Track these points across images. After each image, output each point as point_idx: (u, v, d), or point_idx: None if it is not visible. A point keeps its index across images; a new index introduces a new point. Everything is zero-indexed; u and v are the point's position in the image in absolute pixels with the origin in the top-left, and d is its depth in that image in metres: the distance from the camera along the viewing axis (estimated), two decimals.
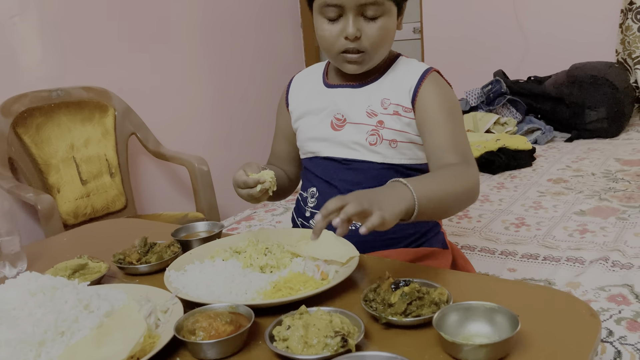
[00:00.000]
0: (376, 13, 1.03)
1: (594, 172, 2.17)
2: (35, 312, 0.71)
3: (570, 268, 1.34)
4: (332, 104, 1.15)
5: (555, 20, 3.24)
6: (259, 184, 1.04)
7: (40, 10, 2.33)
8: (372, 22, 1.04)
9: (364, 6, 1.02)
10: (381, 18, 1.04)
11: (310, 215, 1.17)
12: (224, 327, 0.74)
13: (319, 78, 1.21)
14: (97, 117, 2.45)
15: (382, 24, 1.04)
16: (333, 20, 1.05)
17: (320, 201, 1.16)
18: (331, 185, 1.15)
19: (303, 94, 1.23)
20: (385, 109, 1.10)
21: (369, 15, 1.03)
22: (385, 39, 1.07)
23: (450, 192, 0.94)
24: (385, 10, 1.04)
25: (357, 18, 1.03)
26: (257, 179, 1.04)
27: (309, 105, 1.19)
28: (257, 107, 3.49)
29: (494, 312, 0.74)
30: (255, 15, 3.46)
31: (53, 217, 1.98)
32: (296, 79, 1.28)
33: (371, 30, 1.04)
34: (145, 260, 1.03)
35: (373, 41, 1.05)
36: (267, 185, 1.04)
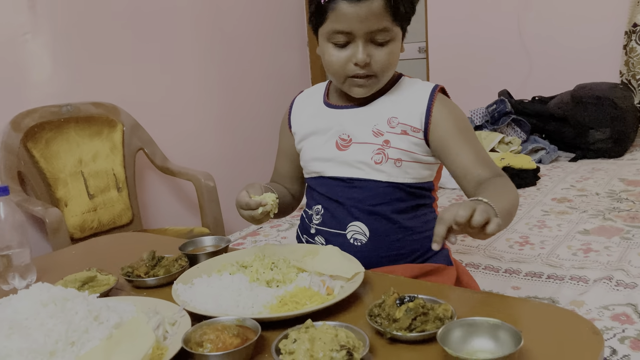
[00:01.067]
0: (385, 39, 1.05)
1: (598, 191, 2.17)
2: (46, 322, 0.73)
3: (574, 287, 1.34)
4: (337, 124, 1.16)
5: (559, 41, 3.28)
6: (260, 206, 1.05)
7: (51, 28, 2.38)
8: (382, 47, 1.06)
9: (374, 33, 1.04)
10: (390, 43, 1.06)
11: (315, 232, 1.19)
12: (231, 340, 0.75)
13: (320, 99, 1.23)
14: (105, 132, 2.48)
15: (390, 49, 1.06)
16: (342, 46, 1.07)
17: (325, 218, 1.17)
18: (336, 202, 1.16)
19: (305, 115, 1.24)
20: (393, 127, 1.11)
21: (378, 41, 1.05)
22: (393, 63, 1.09)
23: (513, 204, 0.97)
24: (394, 36, 1.06)
25: (367, 44, 1.05)
26: (259, 202, 1.05)
27: (313, 126, 1.20)
28: (263, 124, 3.52)
29: (498, 328, 0.75)
30: (262, 33, 3.51)
31: (60, 231, 2.00)
32: (298, 100, 1.29)
33: (380, 56, 1.06)
34: (153, 274, 1.04)
35: (382, 66, 1.07)
36: (268, 207, 1.05)
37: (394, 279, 1.01)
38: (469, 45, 3.59)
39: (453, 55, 3.67)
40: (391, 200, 1.12)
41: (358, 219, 1.13)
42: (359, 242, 1.13)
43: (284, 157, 1.32)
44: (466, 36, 3.60)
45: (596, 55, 3.19)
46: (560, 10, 3.26)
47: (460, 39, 3.63)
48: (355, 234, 1.13)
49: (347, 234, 1.14)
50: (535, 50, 3.36)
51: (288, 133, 1.28)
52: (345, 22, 1.03)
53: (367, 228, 1.12)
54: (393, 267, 1.12)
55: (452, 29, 3.65)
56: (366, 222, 1.12)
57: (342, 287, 0.94)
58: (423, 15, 3.75)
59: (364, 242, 1.13)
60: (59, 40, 2.41)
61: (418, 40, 3.90)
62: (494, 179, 1.03)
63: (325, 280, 0.95)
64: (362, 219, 1.12)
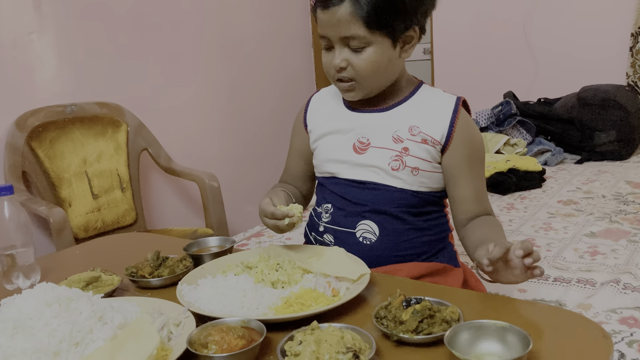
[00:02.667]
0: (359, 45, 1.05)
1: (604, 194, 2.16)
2: (51, 322, 0.72)
3: (581, 290, 1.33)
4: (358, 127, 1.15)
5: (565, 43, 3.27)
6: (287, 217, 1.03)
7: (57, 27, 2.38)
8: (358, 53, 1.06)
9: (347, 39, 1.04)
10: (367, 49, 1.05)
11: (324, 230, 1.18)
12: (236, 341, 0.74)
13: (339, 100, 1.21)
14: (110, 133, 2.48)
15: (367, 56, 1.05)
16: (328, 49, 1.09)
17: (335, 216, 1.16)
18: (347, 201, 1.15)
19: (323, 115, 1.23)
20: (414, 135, 1.10)
21: (353, 47, 1.05)
22: (376, 69, 1.07)
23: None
24: (371, 42, 1.04)
25: (343, 49, 1.06)
26: (286, 213, 1.03)
27: (331, 127, 1.19)
28: (267, 125, 3.52)
29: (506, 331, 0.74)
30: (267, 34, 3.50)
31: (65, 231, 2.00)
32: (315, 98, 1.27)
33: (357, 61, 1.06)
34: (158, 274, 1.04)
35: (359, 72, 1.07)
36: (295, 219, 1.04)
37: (400, 280, 1.01)
38: (475, 46, 3.58)
39: (458, 56, 3.66)
40: (403, 204, 1.12)
41: (368, 218, 1.12)
42: (368, 240, 1.12)
43: (297, 156, 1.30)
44: (472, 37, 3.59)
45: (602, 57, 3.17)
46: (566, 12, 3.25)
47: (465, 41, 3.62)
48: (364, 233, 1.13)
49: (357, 233, 1.13)
50: (541, 52, 3.35)
51: (303, 132, 1.26)
52: (322, 28, 1.07)
53: (377, 227, 1.12)
54: (400, 265, 1.12)
55: (457, 31, 3.64)
56: (376, 221, 1.12)
57: (347, 289, 0.93)
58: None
59: (373, 241, 1.12)
60: (64, 40, 2.41)
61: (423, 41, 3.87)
62: (487, 217, 1.12)
63: (331, 281, 0.95)
64: (372, 218, 1.12)
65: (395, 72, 1.12)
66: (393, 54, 1.07)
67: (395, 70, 1.11)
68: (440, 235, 1.17)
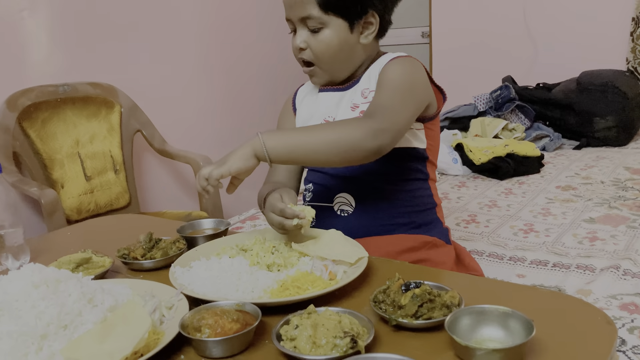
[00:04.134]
0: (315, 26, 1.07)
1: (603, 180, 2.14)
2: (38, 304, 0.69)
3: (581, 275, 1.31)
4: (324, 107, 1.17)
5: (565, 27, 3.23)
6: (296, 218, 0.96)
7: (49, 5, 2.32)
8: (316, 34, 1.08)
9: (304, 20, 1.07)
10: (323, 31, 1.07)
11: None
12: (230, 325, 0.72)
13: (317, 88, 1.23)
14: (103, 114, 2.44)
15: (323, 37, 1.07)
16: (293, 33, 1.12)
17: (315, 194, 1.18)
18: (325, 175, 1.17)
19: (304, 101, 1.25)
20: (365, 97, 1.11)
21: (311, 28, 1.08)
22: (332, 52, 1.08)
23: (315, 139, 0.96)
24: (326, 23, 1.06)
25: (303, 30, 1.09)
26: (297, 213, 0.96)
27: (306, 112, 1.22)
28: (262, 108, 3.48)
29: (508, 316, 0.72)
30: (262, 17, 3.45)
31: (56, 212, 1.97)
32: (302, 87, 1.29)
33: (314, 43, 1.08)
34: (150, 256, 1.01)
35: (317, 53, 1.09)
36: (304, 222, 0.96)
37: (399, 264, 0.98)
38: (473, 30, 3.54)
39: (457, 40, 3.62)
40: (378, 169, 1.12)
41: (344, 190, 1.13)
42: (345, 212, 1.14)
43: None
44: (470, 21, 3.54)
45: (602, 42, 3.14)
46: None
47: (464, 24, 3.57)
48: (342, 205, 1.14)
49: (335, 206, 1.14)
50: (540, 36, 3.32)
51: (292, 116, 1.26)
52: (285, 10, 1.10)
53: (353, 198, 1.12)
54: (385, 237, 1.11)
55: (456, 14, 3.60)
56: (352, 192, 1.13)
57: (345, 272, 0.91)
58: None
59: (350, 213, 1.13)
60: (57, 18, 2.36)
61: (421, 24, 3.84)
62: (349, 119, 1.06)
63: (328, 264, 0.92)
64: (347, 190, 1.13)
65: (357, 57, 1.13)
66: (351, 38, 1.09)
67: (356, 55, 1.12)
68: (424, 207, 1.16)
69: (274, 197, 1.02)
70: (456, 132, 2.77)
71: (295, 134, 0.99)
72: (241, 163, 0.93)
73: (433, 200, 1.18)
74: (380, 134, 0.96)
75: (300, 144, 0.96)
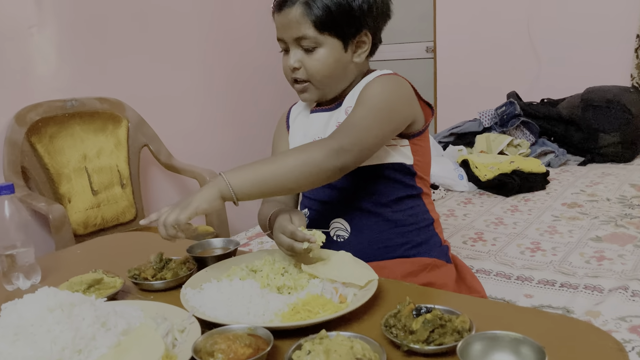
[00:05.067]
0: (310, 45, 1.07)
1: (609, 197, 2.14)
2: (53, 328, 0.70)
3: (589, 296, 1.31)
4: (315, 128, 1.18)
5: (569, 44, 3.24)
6: (307, 242, 0.96)
7: (57, 21, 2.35)
8: (310, 53, 1.08)
9: (299, 40, 1.08)
10: (318, 50, 1.08)
11: None
12: (243, 350, 0.73)
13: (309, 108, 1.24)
14: (110, 128, 2.46)
15: (318, 56, 1.08)
16: (285, 53, 1.12)
17: (311, 220, 1.19)
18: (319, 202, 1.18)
19: (296, 121, 1.26)
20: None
21: (305, 47, 1.08)
22: (327, 69, 1.09)
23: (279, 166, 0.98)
24: (321, 42, 1.07)
25: (297, 50, 1.09)
26: (307, 237, 0.95)
27: (297, 132, 1.23)
28: (267, 123, 3.49)
29: (519, 343, 0.72)
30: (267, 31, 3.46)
31: (64, 227, 1.98)
32: (294, 108, 1.30)
33: (309, 62, 1.09)
34: (161, 277, 1.02)
35: (311, 72, 1.09)
36: (314, 247, 0.96)
37: (408, 286, 0.99)
38: (478, 45, 3.56)
39: (461, 55, 3.64)
40: (369, 192, 1.12)
41: (339, 215, 1.14)
42: (341, 238, 1.14)
43: None
44: (475, 36, 3.56)
45: (607, 58, 3.15)
46: (570, 12, 3.22)
47: (469, 40, 3.59)
48: (337, 231, 1.14)
49: (330, 232, 1.15)
50: (544, 52, 3.33)
51: (286, 134, 1.27)
52: (278, 31, 1.11)
53: (348, 223, 1.13)
54: (385, 262, 1.11)
55: (460, 29, 3.62)
56: (346, 218, 1.14)
57: (355, 295, 0.91)
58: (432, 14, 3.71)
59: (347, 238, 1.14)
60: (65, 34, 2.39)
61: (426, 39, 3.86)
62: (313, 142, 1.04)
63: (338, 287, 0.93)
64: (341, 214, 1.14)
65: (350, 75, 1.14)
66: (345, 57, 1.10)
67: (349, 73, 1.13)
68: (419, 225, 1.15)
69: (284, 218, 1.01)
70: (461, 148, 2.77)
71: (259, 166, 0.99)
72: (206, 205, 0.93)
73: (429, 215, 1.18)
74: (341, 152, 0.98)
75: (266, 177, 0.97)
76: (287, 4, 1.06)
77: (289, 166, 0.97)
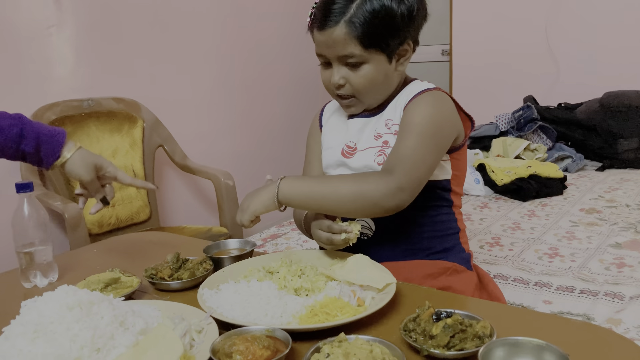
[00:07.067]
0: (356, 61, 1.06)
1: (628, 203, 2.11)
2: (72, 327, 0.70)
3: (610, 303, 1.29)
4: (349, 133, 1.17)
5: (587, 47, 3.21)
6: (344, 233, 1.01)
7: (76, 22, 2.37)
8: (356, 69, 1.07)
9: (343, 57, 1.06)
10: (363, 66, 1.06)
11: None
12: (261, 352, 0.72)
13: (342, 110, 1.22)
14: (126, 128, 2.47)
15: (365, 72, 1.07)
16: (326, 66, 1.11)
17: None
18: None
19: (329, 125, 1.24)
20: (389, 129, 1.11)
21: (351, 64, 1.06)
22: (373, 84, 1.08)
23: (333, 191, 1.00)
24: (367, 59, 1.05)
25: (340, 67, 1.08)
26: (344, 228, 1.01)
27: (330, 133, 1.22)
28: (282, 124, 3.50)
29: (542, 349, 0.71)
30: (283, 34, 3.48)
31: (79, 226, 1.99)
32: (327, 107, 1.29)
33: (354, 79, 1.07)
34: (178, 277, 1.02)
35: (357, 88, 1.08)
36: (352, 236, 1.01)
37: (427, 290, 0.98)
38: (495, 49, 3.53)
39: (478, 58, 3.61)
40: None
41: None
42: (365, 236, 1.14)
43: (317, 160, 1.27)
44: (492, 39, 3.54)
45: (625, 62, 3.11)
46: (589, 16, 3.19)
47: (485, 42, 3.57)
48: (362, 229, 1.13)
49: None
50: (562, 55, 3.30)
51: (319, 133, 1.26)
52: (318, 47, 1.09)
53: (373, 222, 1.12)
54: (404, 262, 1.11)
55: (477, 32, 3.59)
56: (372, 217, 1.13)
57: (373, 298, 0.90)
58: (448, 17, 3.70)
59: (370, 237, 1.13)
60: (83, 35, 2.40)
61: (442, 42, 3.84)
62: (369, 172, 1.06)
63: (356, 290, 0.92)
64: None
65: (393, 85, 1.13)
66: (389, 69, 1.09)
67: (392, 82, 1.12)
68: (445, 232, 1.15)
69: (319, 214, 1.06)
70: (478, 152, 2.75)
71: (313, 184, 1.03)
72: (263, 209, 1.02)
73: (456, 225, 1.17)
74: (399, 192, 0.98)
75: (316, 196, 1.01)
76: (330, 23, 1.03)
77: (342, 194, 0.99)
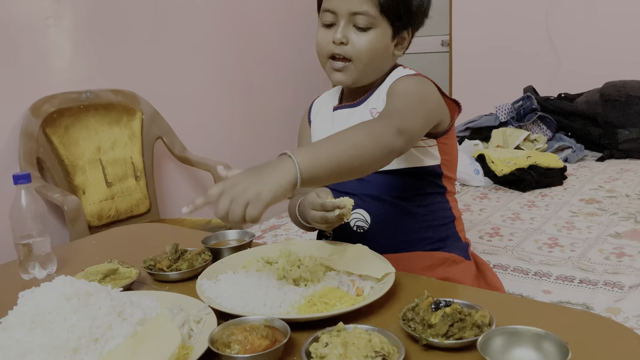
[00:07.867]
0: (366, 24, 1.05)
1: (628, 193, 2.11)
2: (70, 317, 0.70)
3: (609, 293, 1.29)
4: (335, 125, 1.16)
5: (587, 37, 3.19)
6: (337, 209, 0.99)
7: (73, 13, 2.35)
8: (362, 32, 1.06)
9: (355, 15, 1.05)
10: (371, 30, 1.06)
11: None
12: (260, 342, 0.72)
13: (331, 103, 1.23)
14: (124, 120, 2.46)
15: (371, 37, 1.06)
16: (328, 26, 1.09)
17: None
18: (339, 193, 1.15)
19: (317, 116, 1.24)
20: (374, 117, 1.10)
21: (359, 25, 1.05)
22: (373, 54, 1.07)
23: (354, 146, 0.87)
24: (376, 24, 1.05)
25: (348, 26, 1.06)
26: (337, 204, 0.98)
27: (318, 128, 1.22)
28: (281, 115, 3.49)
29: (541, 338, 0.70)
30: (282, 26, 3.46)
31: (79, 219, 1.99)
32: (316, 102, 1.29)
33: (358, 40, 1.06)
34: (176, 267, 1.01)
35: (359, 50, 1.06)
36: (345, 211, 0.99)
37: (426, 280, 0.97)
38: (494, 39, 3.51)
39: (477, 48, 3.59)
40: (392, 187, 1.11)
41: (359, 206, 1.12)
42: (361, 229, 1.13)
43: None
44: (491, 30, 3.52)
45: (626, 52, 3.09)
46: (589, 5, 3.17)
47: (484, 33, 3.55)
48: (357, 222, 1.13)
49: (351, 222, 1.14)
50: (562, 46, 3.28)
51: (308, 129, 1.26)
52: (331, 2, 1.06)
53: (368, 214, 1.12)
54: (402, 254, 1.11)
55: (476, 22, 3.57)
56: (367, 209, 1.12)
57: (372, 288, 0.90)
58: (447, 7, 3.67)
59: (366, 229, 1.12)
60: (81, 26, 2.39)
61: (441, 33, 3.82)
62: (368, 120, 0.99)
63: (355, 280, 0.92)
64: (363, 206, 1.12)
65: (386, 66, 1.13)
66: (390, 46, 1.09)
67: (386, 62, 1.12)
68: (441, 222, 1.15)
69: (310, 196, 1.03)
70: (477, 143, 2.74)
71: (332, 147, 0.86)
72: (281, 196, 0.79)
73: (451, 213, 1.17)
74: (399, 135, 0.92)
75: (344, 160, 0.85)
76: None
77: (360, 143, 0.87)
